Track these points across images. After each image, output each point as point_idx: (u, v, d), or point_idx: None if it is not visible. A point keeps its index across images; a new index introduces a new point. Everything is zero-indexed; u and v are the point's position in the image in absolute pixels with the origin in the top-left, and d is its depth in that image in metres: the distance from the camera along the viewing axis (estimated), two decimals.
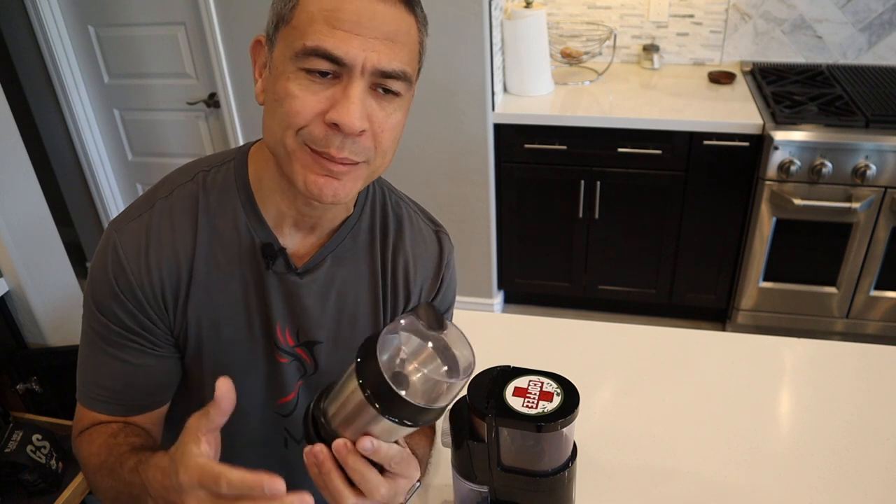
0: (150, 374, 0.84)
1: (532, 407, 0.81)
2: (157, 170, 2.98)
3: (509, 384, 0.84)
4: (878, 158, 2.19)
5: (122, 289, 0.79)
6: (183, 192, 0.82)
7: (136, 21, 2.63)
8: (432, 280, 0.94)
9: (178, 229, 0.80)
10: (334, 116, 0.68)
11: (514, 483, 0.86)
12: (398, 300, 0.92)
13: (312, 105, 0.69)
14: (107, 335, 0.81)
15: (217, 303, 0.83)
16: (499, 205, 2.66)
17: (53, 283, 1.85)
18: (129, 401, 0.84)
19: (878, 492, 0.99)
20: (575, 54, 2.73)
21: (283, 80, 0.70)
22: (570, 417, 0.80)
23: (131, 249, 0.79)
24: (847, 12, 2.57)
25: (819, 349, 1.29)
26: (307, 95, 0.69)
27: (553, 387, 0.83)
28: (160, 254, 0.79)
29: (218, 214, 0.82)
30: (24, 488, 1.59)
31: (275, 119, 0.72)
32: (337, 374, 0.72)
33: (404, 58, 0.71)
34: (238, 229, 0.82)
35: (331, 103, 0.69)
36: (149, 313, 0.81)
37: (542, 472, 0.85)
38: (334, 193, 0.74)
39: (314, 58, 0.67)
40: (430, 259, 0.94)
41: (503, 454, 0.85)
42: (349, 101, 0.68)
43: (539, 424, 0.79)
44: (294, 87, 0.69)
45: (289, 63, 0.69)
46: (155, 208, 0.81)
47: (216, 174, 0.83)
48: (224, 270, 0.82)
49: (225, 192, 0.82)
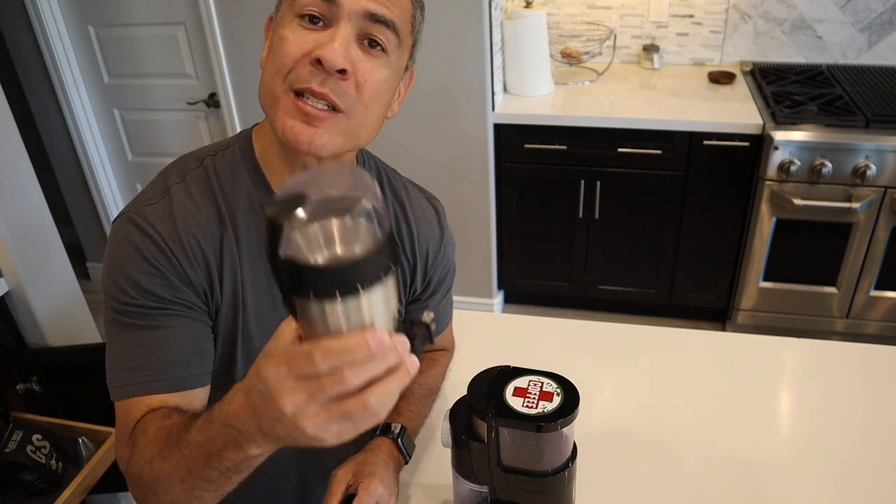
0: (186, 339, 0.81)
1: (532, 407, 0.81)
2: (157, 170, 2.95)
3: (509, 384, 0.84)
4: (878, 158, 2.19)
5: (153, 257, 0.78)
6: (195, 177, 0.84)
7: (136, 21, 2.63)
8: (437, 241, 1.01)
9: (201, 207, 0.82)
10: (318, 52, 0.72)
11: (514, 483, 0.86)
12: (405, 263, 0.98)
13: (301, 46, 0.73)
14: (139, 313, 0.78)
15: (249, 277, 0.84)
16: (499, 205, 2.65)
17: (53, 283, 1.85)
18: (171, 372, 0.79)
19: (879, 492, 0.99)
20: (575, 54, 2.73)
21: (279, 29, 0.76)
22: (570, 417, 0.80)
23: (156, 220, 0.79)
24: (847, 12, 2.57)
25: (819, 349, 1.29)
26: (297, 38, 0.74)
27: (553, 387, 0.83)
28: (187, 223, 0.80)
29: (232, 194, 0.84)
30: (24, 488, 1.59)
31: (269, 70, 0.76)
32: None
33: (396, 13, 0.76)
34: (253, 206, 0.84)
35: (317, 45, 0.73)
36: (182, 275, 0.80)
37: (542, 472, 0.85)
38: (310, 141, 0.75)
39: (307, 4, 0.73)
40: (432, 223, 1.00)
41: (503, 454, 0.85)
42: (333, 39, 0.73)
43: (539, 424, 0.79)
44: (287, 32, 0.74)
45: (286, 13, 0.75)
46: (172, 192, 0.82)
47: (223, 157, 0.86)
48: (245, 247, 0.84)
49: (235, 173, 0.84)
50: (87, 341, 1.96)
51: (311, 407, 0.52)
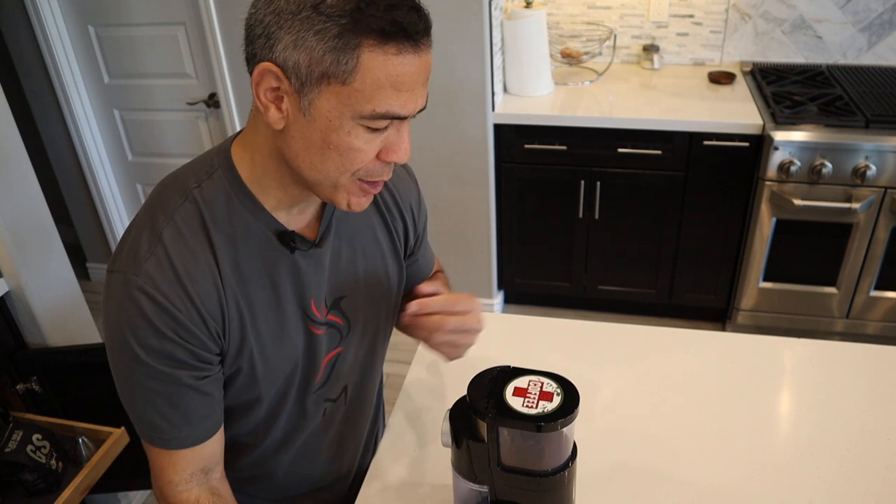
0: (208, 396, 0.86)
1: (532, 407, 0.81)
2: (157, 170, 2.98)
3: (509, 384, 0.84)
4: (878, 158, 2.19)
5: (170, 328, 0.78)
6: (184, 215, 0.81)
7: (136, 21, 2.63)
8: (416, 196, 1.05)
9: (197, 253, 0.80)
10: (394, 158, 0.78)
11: (514, 483, 0.86)
12: (398, 228, 1.02)
13: (372, 151, 0.77)
14: (163, 372, 0.80)
15: (251, 305, 0.85)
16: (499, 205, 2.66)
17: (53, 283, 1.85)
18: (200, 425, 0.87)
19: (879, 492, 0.99)
20: (575, 54, 2.73)
21: (341, 133, 0.74)
22: (570, 417, 0.80)
23: (163, 283, 0.78)
24: (847, 12, 2.57)
25: (819, 349, 1.29)
26: (369, 147, 0.76)
27: (553, 387, 0.83)
28: (194, 284, 0.79)
29: (226, 223, 0.82)
30: (23, 488, 1.59)
31: (328, 163, 0.77)
32: (364, 318, 0.98)
33: None
34: (249, 229, 0.84)
35: (385, 144, 0.77)
36: (203, 342, 0.81)
37: (543, 471, 0.85)
38: (366, 205, 0.84)
39: (381, 119, 0.74)
40: (407, 181, 1.04)
41: (503, 454, 0.85)
42: (403, 141, 0.78)
43: (539, 424, 0.79)
44: (357, 141, 0.75)
45: (347, 120, 0.74)
46: (164, 240, 0.79)
47: (209, 186, 0.83)
48: (248, 273, 0.84)
49: (225, 201, 0.83)
50: (87, 341, 1.96)
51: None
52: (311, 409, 0.98)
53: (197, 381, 0.83)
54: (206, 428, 0.87)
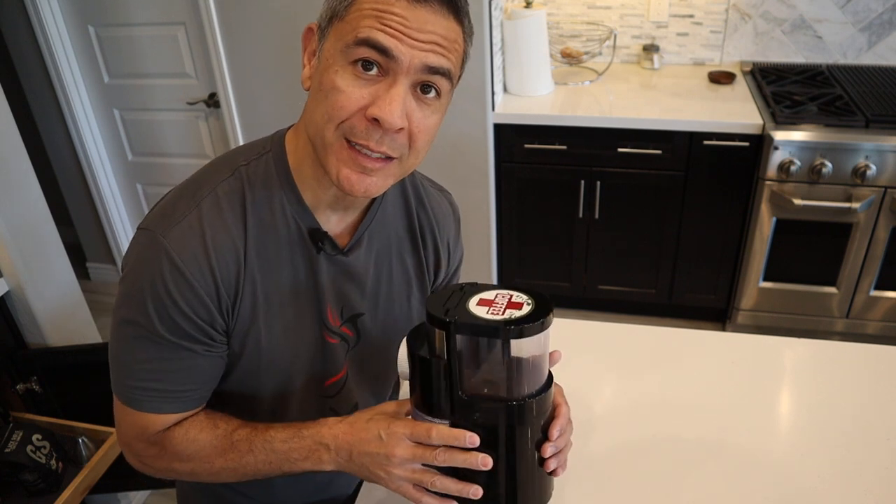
0: (204, 372, 0.85)
1: (498, 314, 0.71)
2: (157, 170, 2.98)
3: (474, 296, 0.75)
4: (878, 158, 2.19)
5: (186, 298, 0.78)
6: (227, 188, 0.82)
7: (136, 21, 2.63)
8: (454, 235, 1.03)
9: (230, 227, 0.80)
10: (376, 112, 0.71)
11: (475, 416, 0.75)
12: (430, 259, 0.99)
13: (356, 99, 0.72)
14: (164, 338, 0.79)
15: (268, 292, 0.84)
16: (499, 205, 2.65)
17: (53, 283, 1.85)
18: (190, 394, 0.85)
19: (878, 492, 0.99)
20: (575, 54, 2.73)
21: (330, 72, 0.73)
22: (540, 325, 0.70)
23: (188, 255, 0.77)
24: (847, 12, 2.57)
25: (819, 349, 1.29)
26: (352, 90, 0.72)
27: (524, 298, 0.74)
28: (219, 256, 0.79)
29: (264, 206, 0.83)
30: (24, 488, 1.59)
31: (318, 110, 0.74)
32: (376, 342, 0.93)
33: (451, 59, 0.75)
34: (286, 218, 0.84)
35: (373, 99, 0.72)
36: (213, 315, 0.81)
37: (509, 398, 0.75)
38: (366, 189, 0.77)
39: (363, 47, 0.70)
40: (449, 217, 1.02)
41: (465, 378, 0.74)
42: (392, 98, 0.71)
43: (508, 329, 0.69)
44: (341, 80, 0.72)
45: (338, 56, 0.72)
46: (202, 208, 0.79)
47: (256, 167, 0.84)
48: (273, 260, 0.84)
49: (268, 184, 0.83)
50: (87, 341, 1.96)
51: (406, 464, 0.75)
52: (314, 416, 0.98)
53: (196, 353, 0.81)
54: (191, 399, 0.85)
